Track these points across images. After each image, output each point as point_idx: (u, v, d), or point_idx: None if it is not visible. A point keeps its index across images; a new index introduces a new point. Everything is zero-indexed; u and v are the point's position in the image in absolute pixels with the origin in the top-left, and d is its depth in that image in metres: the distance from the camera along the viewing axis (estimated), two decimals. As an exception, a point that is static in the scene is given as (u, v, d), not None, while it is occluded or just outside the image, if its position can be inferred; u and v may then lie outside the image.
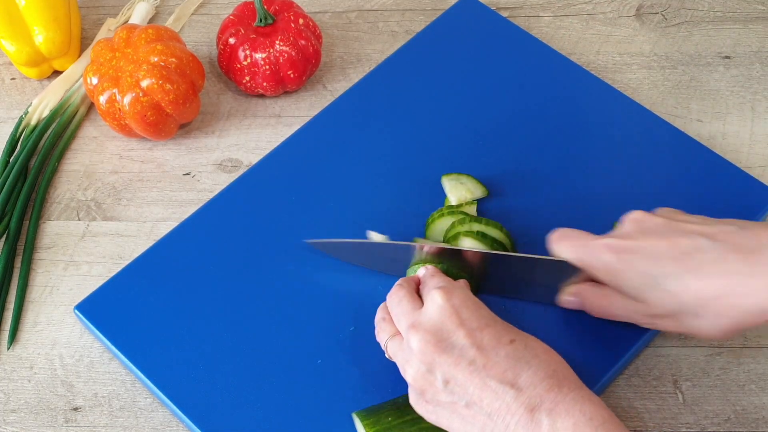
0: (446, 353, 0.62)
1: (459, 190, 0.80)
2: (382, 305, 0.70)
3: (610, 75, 0.93)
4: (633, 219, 0.68)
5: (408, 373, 0.64)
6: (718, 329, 0.64)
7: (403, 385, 0.67)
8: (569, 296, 0.71)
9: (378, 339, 0.70)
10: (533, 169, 0.83)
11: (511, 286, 0.74)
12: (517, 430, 0.59)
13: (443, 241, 0.77)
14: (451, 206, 0.79)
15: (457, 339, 0.62)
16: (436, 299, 0.64)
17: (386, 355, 0.68)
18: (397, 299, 0.68)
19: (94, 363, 0.76)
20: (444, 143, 0.85)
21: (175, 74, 0.84)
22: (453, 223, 0.77)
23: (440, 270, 0.71)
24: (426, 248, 0.73)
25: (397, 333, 0.67)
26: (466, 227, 0.76)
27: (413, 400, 0.65)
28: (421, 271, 0.71)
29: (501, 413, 0.60)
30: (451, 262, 0.73)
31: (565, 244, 0.69)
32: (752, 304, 0.61)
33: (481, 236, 0.75)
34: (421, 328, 0.63)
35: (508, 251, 0.76)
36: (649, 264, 0.64)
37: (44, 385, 0.75)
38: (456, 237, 0.76)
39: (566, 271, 0.70)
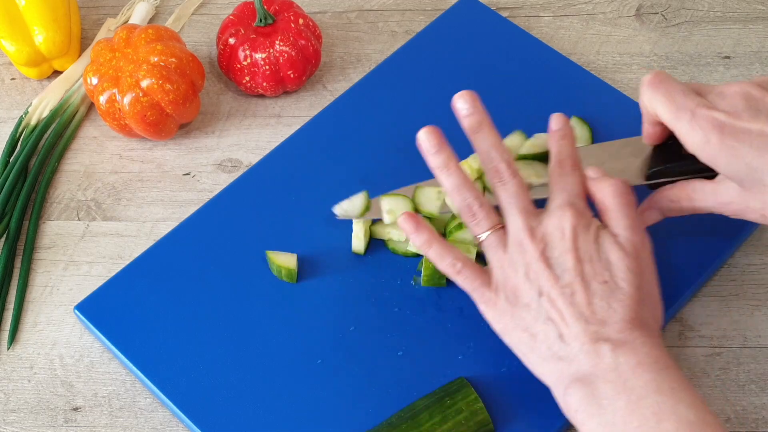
0: (550, 269, 0.60)
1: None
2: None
3: (610, 75, 0.93)
4: (744, 94, 0.59)
5: (505, 268, 0.62)
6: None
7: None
8: (648, 211, 0.66)
9: (468, 218, 0.65)
10: (533, 169, 0.83)
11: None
12: (579, 356, 0.58)
13: (443, 235, 0.77)
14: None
15: (565, 261, 0.60)
16: (563, 216, 0.61)
17: (475, 242, 0.65)
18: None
19: (94, 363, 0.76)
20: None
21: (175, 74, 0.84)
22: (452, 215, 0.77)
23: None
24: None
25: (500, 226, 0.64)
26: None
27: (489, 299, 0.64)
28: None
29: (570, 338, 0.59)
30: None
31: (661, 99, 0.62)
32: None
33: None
34: (538, 233, 0.61)
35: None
36: (754, 154, 0.57)
37: (44, 385, 0.75)
38: (460, 227, 0.76)
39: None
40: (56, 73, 0.95)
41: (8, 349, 0.77)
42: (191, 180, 0.87)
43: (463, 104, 0.67)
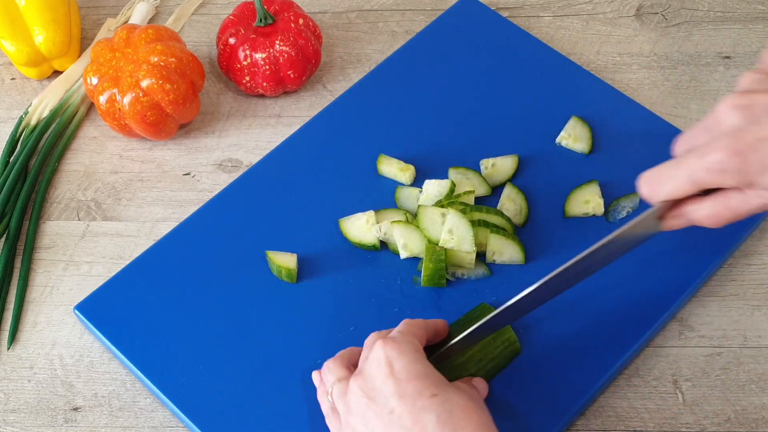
0: (373, 401, 0.61)
1: (463, 186, 0.80)
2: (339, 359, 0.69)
3: (610, 75, 0.93)
4: (734, 107, 0.58)
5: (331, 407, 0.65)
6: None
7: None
8: (674, 220, 0.63)
9: (324, 380, 0.68)
10: (533, 168, 0.83)
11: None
12: None
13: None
14: (450, 197, 0.78)
15: (384, 387, 0.61)
16: (375, 350, 0.63)
17: (326, 398, 0.67)
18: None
19: (94, 363, 0.76)
20: (444, 142, 0.85)
21: (175, 74, 0.84)
22: (448, 191, 0.78)
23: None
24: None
25: (344, 378, 0.66)
26: (467, 217, 0.76)
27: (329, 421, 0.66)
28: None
29: None
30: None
31: (669, 183, 0.60)
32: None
33: (483, 224, 0.76)
34: (359, 376, 0.63)
35: (510, 237, 0.75)
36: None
37: (44, 385, 0.75)
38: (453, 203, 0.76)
39: (655, 216, 0.63)
40: (56, 73, 0.95)
41: (8, 349, 0.77)
42: (191, 180, 0.87)
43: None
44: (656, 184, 0.61)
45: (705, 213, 0.61)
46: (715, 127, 0.59)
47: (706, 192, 0.61)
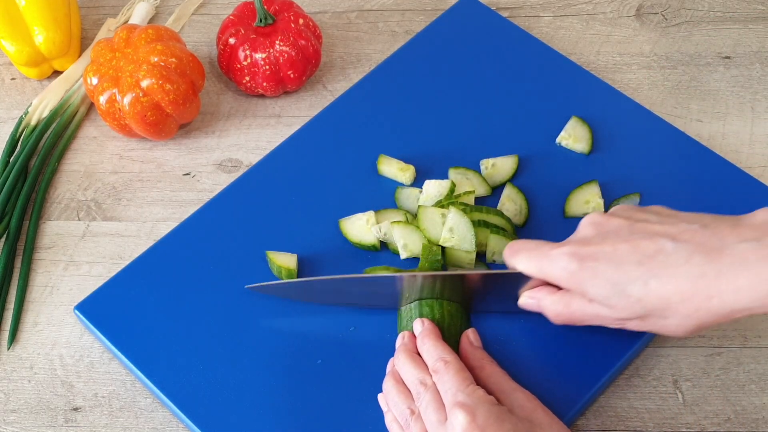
0: None
1: (463, 186, 0.80)
2: (388, 397, 0.69)
3: (610, 75, 0.93)
4: (592, 222, 0.66)
5: None
6: (684, 329, 0.62)
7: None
8: (528, 299, 0.69)
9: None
10: (533, 168, 0.83)
11: (478, 301, 0.74)
12: None
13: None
14: (450, 197, 0.79)
15: None
16: (460, 420, 0.62)
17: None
18: (423, 406, 0.66)
19: (94, 363, 0.76)
20: (444, 142, 0.85)
21: (175, 74, 0.84)
22: (448, 192, 0.78)
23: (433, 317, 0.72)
24: (405, 278, 0.71)
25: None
26: (467, 217, 0.76)
27: None
28: (417, 327, 0.71)
29: None
30: (434, 290, 0.73)
31: (523, 257, 0.67)
32: (718, 305, 0.59)
33: (483, 224, 0.76)
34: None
35: (510, 237, 0.76)
36: (613, 269, 0.62)
37: (44, 385, 0.75)
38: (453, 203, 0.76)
39: (525, 280, 0.69)
40: (56, 73, 0.95)
41: (8, 349, 0.77)
42: (191, 180, 0.87)
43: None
44: (515, 253, 0.67)
45: (550, 303, 0.67)
46: (575, 235, 0.67)
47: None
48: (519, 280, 0.69)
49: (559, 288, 0.67)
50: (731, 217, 0.62)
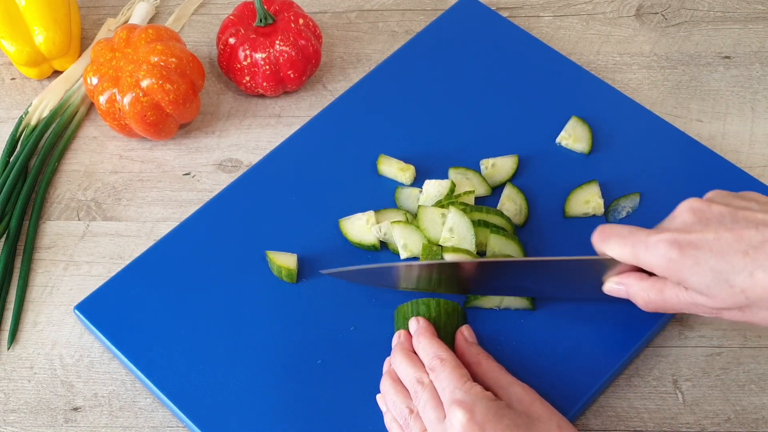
0: None
1: (463, 186, 0.80)
2: (387, 397, 0.69)
3: (610, 75, 0.93)
4: (691, 208, 0.64)
5: None
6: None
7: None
8: (616, 285, 0.68)
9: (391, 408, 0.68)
10: (533, 168, 0.83)
11: (543, 288, 0.73)
12: None
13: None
14: (450, 197, 0.79)
15: None
16: (458, 417, 0.62)
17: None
18: (421, 405, 0.66)
19: (94, 363, 0.76)
20: (444, 142, 0.85)
21: (175, 74, 0.84)
22: (448, 191, 0.78)
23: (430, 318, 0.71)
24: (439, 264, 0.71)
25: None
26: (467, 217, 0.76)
27: None
28: (412, 325, 0.71)
29: None
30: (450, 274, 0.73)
31: (615, 242, 0.65)
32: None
33: (483, 224, 0.76)
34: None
35: (510, 237, 0.76)
36: (716, 259, 0.60)
37: (44, 385, 0.75)
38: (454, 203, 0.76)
39: (609, 268, 0.67)
40: (56, 73, 0.95)
41: (8, 349, 0.77)
42: (191, 180, 0.87)
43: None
44: (606, 238, 0.66)
45: (640, 290, 0.66)
46: (671, 221, 0.65)
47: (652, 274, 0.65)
48: (604, 265, 0.67)
49: (649, 274, 0.65)
50: None
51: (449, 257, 0.74)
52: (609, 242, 0.66)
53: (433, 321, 0.71)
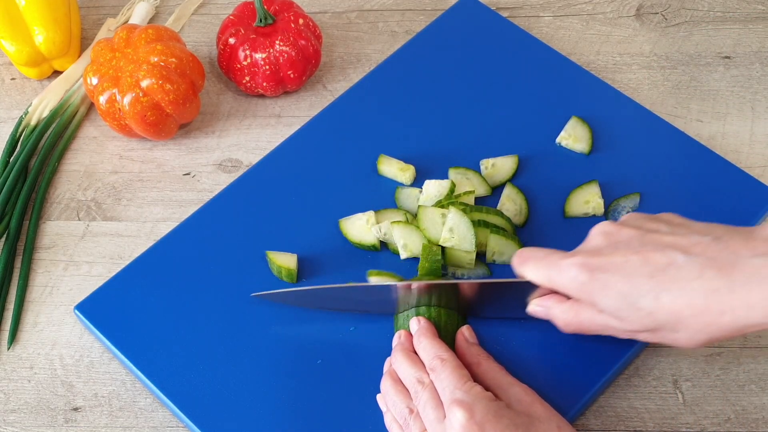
0: None
1: (463, 186, 0.80)
2: (387, 399, 0.69)
3: (610, 75, 0.93)
4: (602, 232, 0.65)
5: None
6: (695, 342, 0.61)
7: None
8: (537, 307, 0.69)
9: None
10: (533, 168, 0.83)
11: (484, 307, 0.73)
12: None
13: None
14: (450, 197, 0.79)
15: None
16: (458, 417, 0.62)
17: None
18: (421, 405, 0.66)
19: (94, 363, 0.76)
20: (444, 142, 0.85)
21: (175, 74, 0.84)
22: (450, 189, 0.78)
23: (430, 316, 0.71)
24: (400, 288, 0.71)
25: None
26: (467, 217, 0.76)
27: None
28: (413, 325, 0.71)
29: None
30: (432, 298, 0.72)
31: (532, 266, 0.66)
32: (730, 320, 0.58)
33: (483, 224, 0.76)
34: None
35: (510, 237, 0.76)
36: (623, 282, 0.61)
37: (44, 385, 0.75)
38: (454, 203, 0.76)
39: (533, 289, 0.68)
40: (56, 73, 0.95)
41: (8, 349, 0.77)
42: (191, 180, 0.87)
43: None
44: (524, 261, 0.67)
45: (559, 312, 0.67)
46: (584, 244, 0.66)
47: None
48: (527, 288, 0.68)
49: (568, 297, 0.66)
50: (743, 229, 0.61)
51: (373, 280, 0.75)
52: (526, 265, 0.67)
53: (434, 321, 0.71)
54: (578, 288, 0.63)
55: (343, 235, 0.79)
